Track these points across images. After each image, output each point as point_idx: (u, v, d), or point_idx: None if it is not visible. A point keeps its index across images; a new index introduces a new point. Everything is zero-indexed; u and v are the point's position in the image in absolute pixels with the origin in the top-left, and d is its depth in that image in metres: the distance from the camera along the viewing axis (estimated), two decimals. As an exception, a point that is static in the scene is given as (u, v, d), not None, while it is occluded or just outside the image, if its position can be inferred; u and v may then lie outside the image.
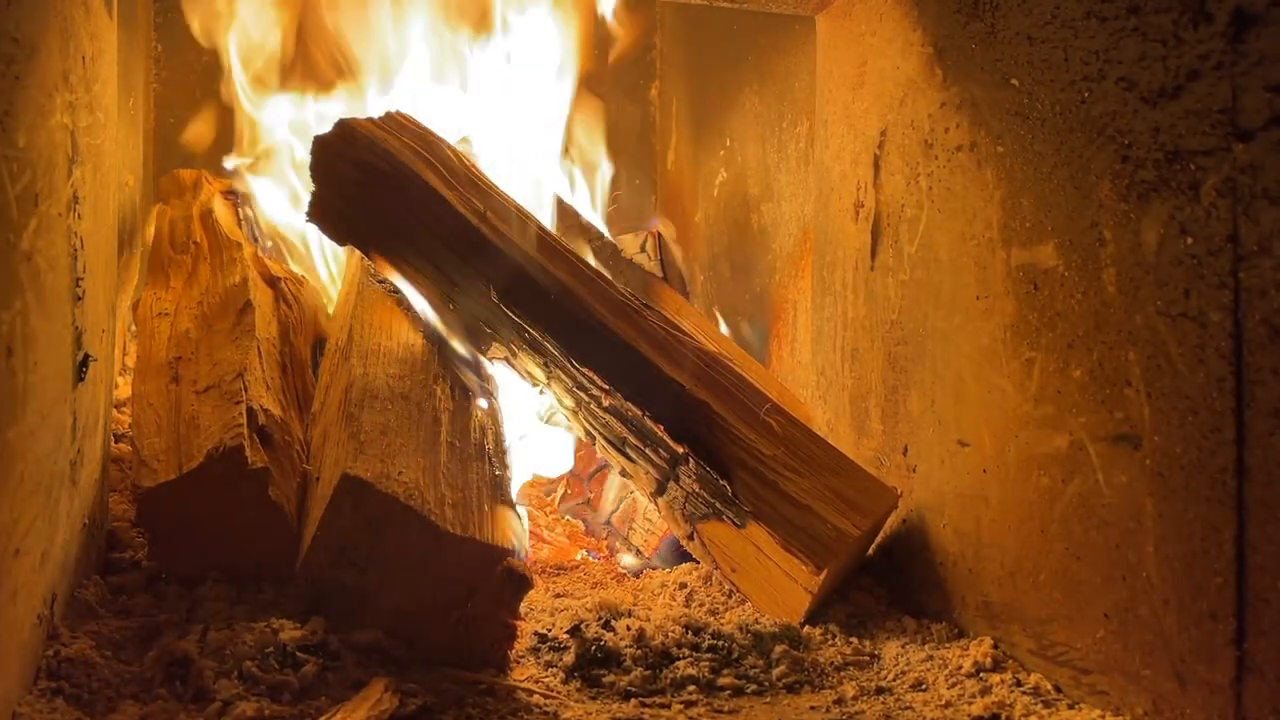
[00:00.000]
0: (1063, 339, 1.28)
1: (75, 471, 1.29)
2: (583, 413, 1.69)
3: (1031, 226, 1.35)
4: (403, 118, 1.77)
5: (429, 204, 1.67)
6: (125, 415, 1.97)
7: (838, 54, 1.95)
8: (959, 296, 1.51)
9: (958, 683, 1.35)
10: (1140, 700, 1.17)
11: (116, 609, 1.36)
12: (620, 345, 1.65)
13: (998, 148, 1.42)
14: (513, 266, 1.66)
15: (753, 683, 1.37)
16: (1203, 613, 1.08)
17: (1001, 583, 1.42)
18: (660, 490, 1.66)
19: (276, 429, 1.52)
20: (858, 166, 1.85)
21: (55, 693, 1.13)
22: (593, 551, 2.04)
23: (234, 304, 1.77)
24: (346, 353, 1.62)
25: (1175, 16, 1.09)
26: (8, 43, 1.03)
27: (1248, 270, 1.02)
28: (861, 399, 1.84)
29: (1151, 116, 1.13)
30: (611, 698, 1.32)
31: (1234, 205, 1.03)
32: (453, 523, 1.30)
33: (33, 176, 1.09)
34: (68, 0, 1.23)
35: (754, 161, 2.54)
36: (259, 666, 1.20)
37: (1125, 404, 1.18)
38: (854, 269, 1.87)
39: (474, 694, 1.26)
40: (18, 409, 1.05)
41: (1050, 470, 1.31)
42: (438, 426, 1.48)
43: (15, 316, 1.04)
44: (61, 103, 1.20)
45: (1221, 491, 1.05)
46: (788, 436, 1.61)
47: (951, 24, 1.52)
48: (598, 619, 1.49)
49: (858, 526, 1.54)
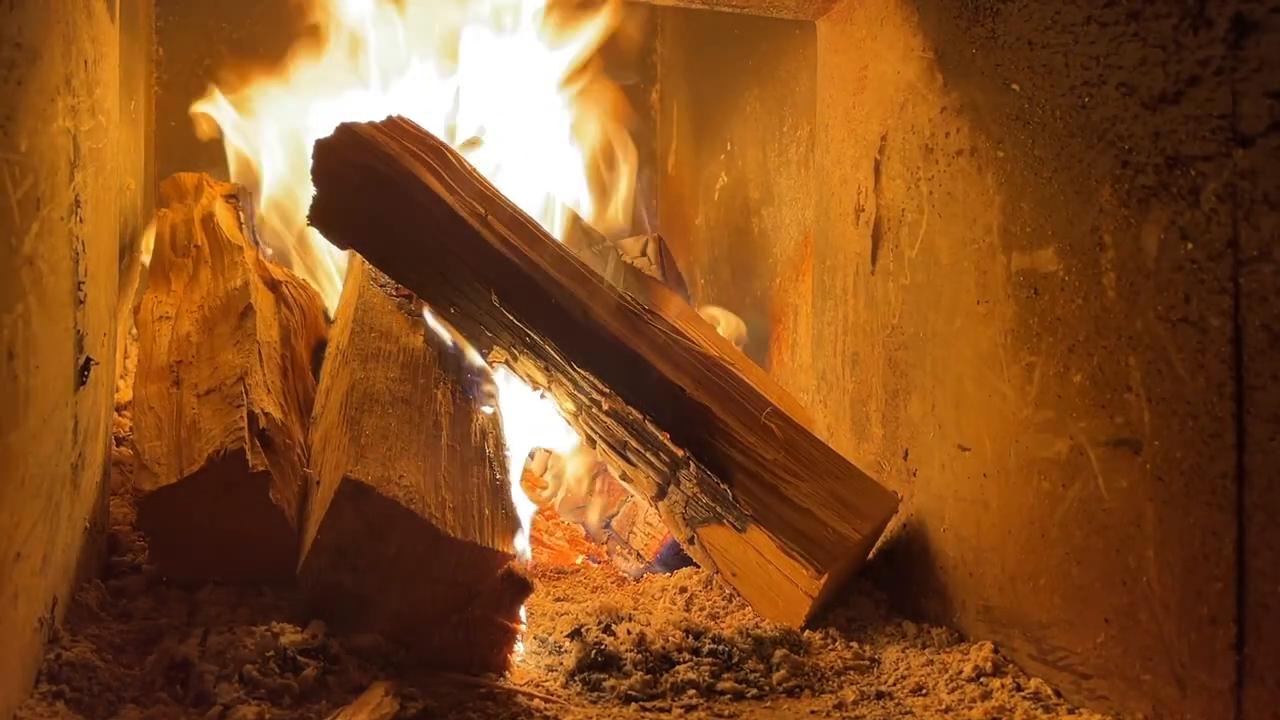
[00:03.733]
0: (1063, 343, 1.28)
1: (76, 475, 1.29)
2: (583, 416, 1.69)
3: (1032, 231, 1.35)
4: (404, 121, 1.77)
5: (430, 207, 1.67)
6: (126, 419, 1.97)
7: (838, 58, 1.95)
8: (959, 301, 1.52)
9: (958, 687, 1.35)
10: (1140, 705, 1.17)
11: (117, 612, 1.36)
12: (621, 349, 1.65)
13: (998, 152, 1.42)
14: (513, 270, 1.67)
15: (753, 687, 1.37)
16: (1203, 618, 1.08)
17: (1002, 587, 1.42)
18: (661, 494, 1.66)
19: (277, 432, 1.52)
20: (858, 171, 1.85)
21: (56, 696, 1.13)
22: (593, 556, 2.04)
23: (235, 307, 1.77)
24: (347, 356, 1.62)
25: (1175, 22, 1.10)
26: (10, 47, 1.03)
27: (1248, 275, 1.02)
28: (862, 403, 1.84)
29: (1152, 122, 1.13)
30: (612, 702, 1.32)
31: (1234, 210, 1.03)
32: (453, 526, 1.30)
33: (35, 181, 1.09)
34: (70, 4, 1.23)
35: (755, 165, 2.54)
36: (259, 670, 1.20)
37: (1125, 409, 1.18)
38: (854, 273, 1.87)
39: (474, 698, 1.26)
40: (19, 412, 1.05)
41: (1050, 475, 1.31)
42: (438, 430, 1.48)
43: (17, 320, 1.04)
44: (63, 107, 1.20)
45: (1222, 496, 1.05)
46: (788, 440, 1.61)
47: (952, 29, 1.53)
48: (598, 623, 1.49)
49: (858, 531, 1.54)
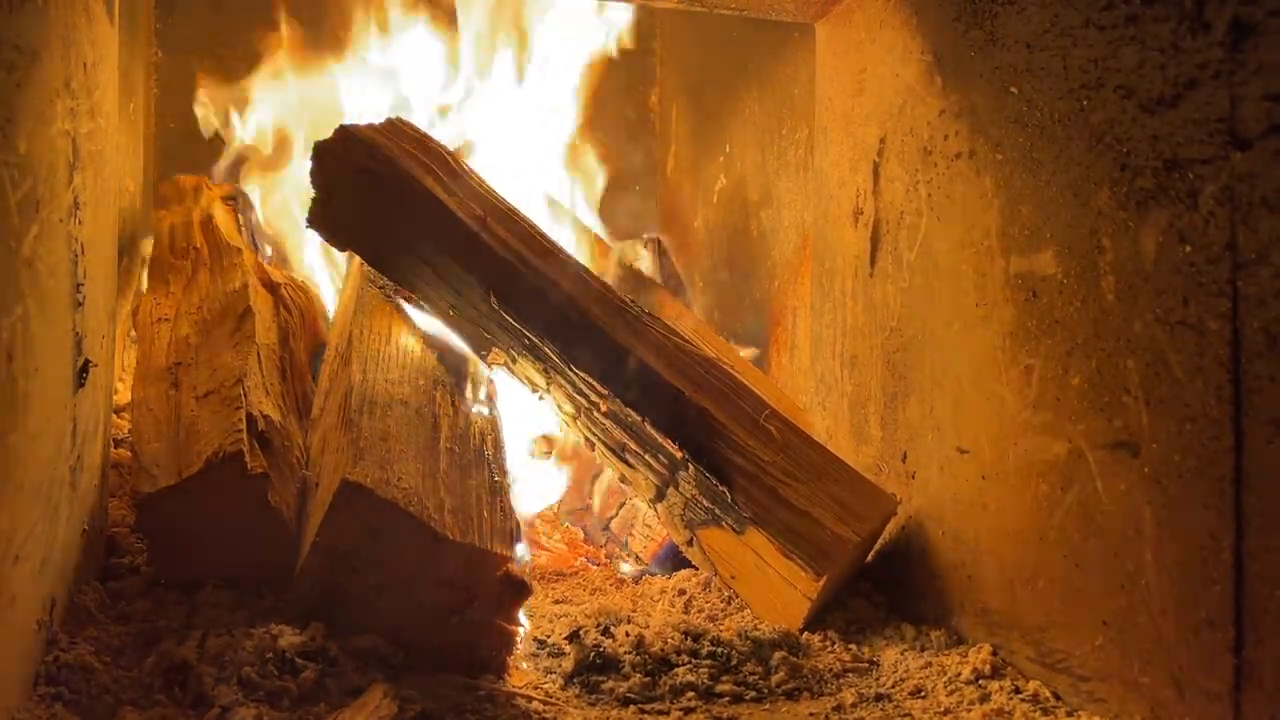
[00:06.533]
0: (1061, 346, 1.29)
1: (75, 477, 1.29)
2: (582, 418, 1.69)
3: (1030, 234, 1.35)
4: (403, 124, 1.77)
5: (429, 210, 1.67)
6: (125, 420, 1.97)
7: (837, 61, 1.95)
8: (958, 303, 1.52)
9: (956, 690, 1.35)
10: (1139, 708, 1.17)
11: (116, 615, 1.36)
12: (619, 351, 1.65)
13: (997, 155, 1.42)
14: (512, 272, 1.67)
15: (751, 689, 1.37)
16: (1201, 621, 1.08)
17: (1000, 590, 1.42)
18: (660, 496, 1.66)
19: (276, 434, 1.52)
20: (857, 173, 1.85)
21: (54, 698, 1.13)
22: (591, 558, 2.04)
23: (234, 309, 1.77)
24: (346, 358, 1.62)
25: (1174, 25, 1.10)
26: (9, 49, 1.03)
27: (1246, 278, 1.02)
28: (861, 405, 1.84)
29: (1150, 125, 1.13)
30: (610, 704, 1.32)
31: (1232, 213, 1.03)
32: (452, 528, 1.30)
33: (34, 183, 1.09)
34: (69, 7, 1.23)
35: (753, 168, 2.54)
36: (258, 672, 1.20)
37: (1124, 411, 1.18)
38: (853, 276, 1.87)
39: (473, 700, 1.26)
40: (18, 415, 1.05)
41: (1049, 477, 1.31)
42: (437, 432, 1.48)
43: (16, 322, 1.04)
44: (63, 109, 1.20)
45: (1220, 499, 1.05)
46: (787, 443, 1.61)
47: (951, 32, 1.53)
48: (597, 625, 1.49)
49: (857, 533, 1.54)
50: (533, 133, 2.61)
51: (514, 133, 2.54)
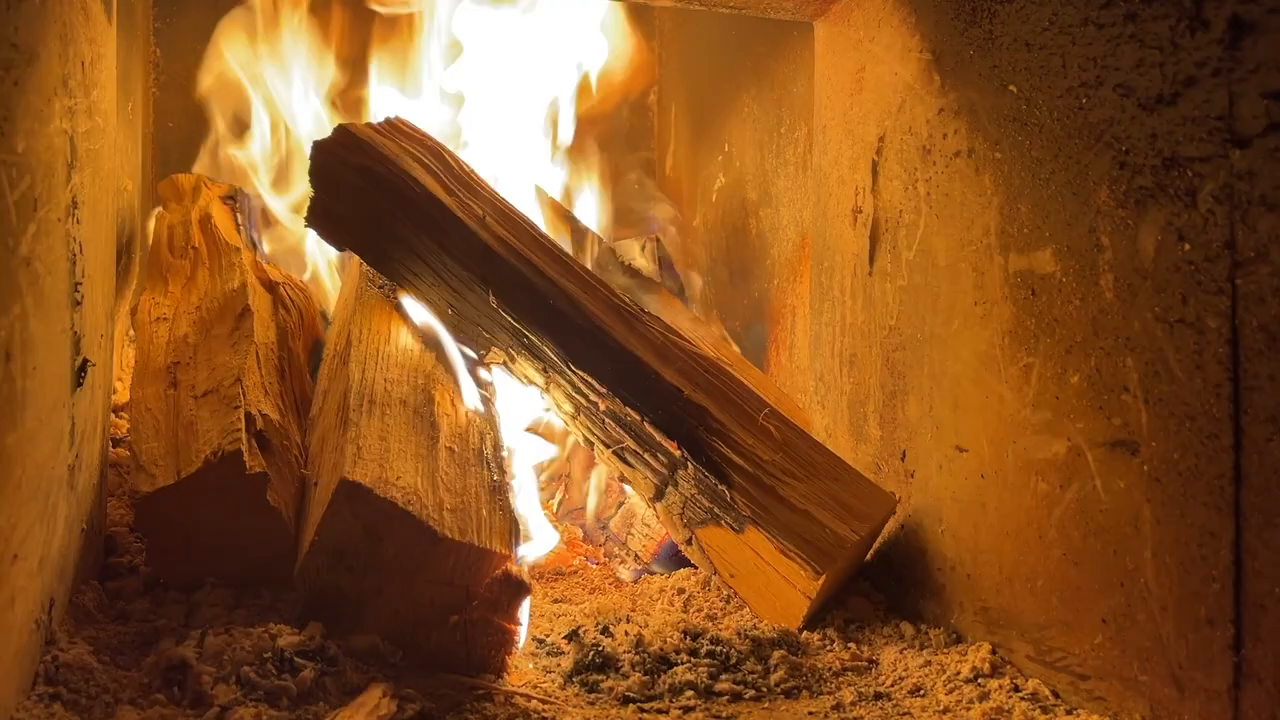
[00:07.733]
0: (1060, 345, 1.29)
1: (73, 476, 1.29)
2: (581, 417, 1.69)
3: (1029, 232, 1.35)
4: (402, 123, 1.77)
5: (428, 209, 1.67)
6: (123, 420, 1.97)
7: (836, 59, 1.95)
8: (957, 302, 1.52)
9: (956, 688, 1.35)
10: (1138, 706, 1.17)
11: (114, 614, 1.36)
12: (618, 349, 1.65)
13: (995, 153, 1.42)
14: (511, 271, 1.67)
15: (751, 688, 1.37)
16: (1200, 619, 1.08)
17: (999, 588, 1.42)
18: (659, 495, 1.66)
19: (274, 434, 1.52)
20: (856, 172, 1.85)
21: (53, 698, 1.13)
22: (590, 557, 2.04)
23: (232, 309, 1.77)
24: (345, 358, 1.62)
25: (1172, 24, 1.10)
26: (7, 48, 1.03)
27: (1245, 276, 1.02)
28: (860, 404, 1.84)
29: (1149, 123, 1.13)
30: (609, 703, 1.32)
31: (1231, 212, 1.03)
32: (451, 528, 1.30)
33: (31, 182, 1.09)
34: (67, 5, 1.23)
35: (752, 167, 2.54)
36: (257, 672, 1.20)
37: (1123, 410, 1.18)
38: (852, 274, 1.87)
39: (472, 699, 1.26)
40: (16, 414, 1.05)
41: (1048, 476, 1.31)
42: (436, 432, 1.48)
43: (14, 321, 1.04)
44: (60, 108, 1.20)
45: (1219, 497, 1.05)
46: (786, 441, 1.61)
47: (950, 30, 1.53)
48: (596, 624, 1.49)
49: (856, 532, 1.54)
50: (532, 133, 2.61)
51: (513, 133, 2.54)
